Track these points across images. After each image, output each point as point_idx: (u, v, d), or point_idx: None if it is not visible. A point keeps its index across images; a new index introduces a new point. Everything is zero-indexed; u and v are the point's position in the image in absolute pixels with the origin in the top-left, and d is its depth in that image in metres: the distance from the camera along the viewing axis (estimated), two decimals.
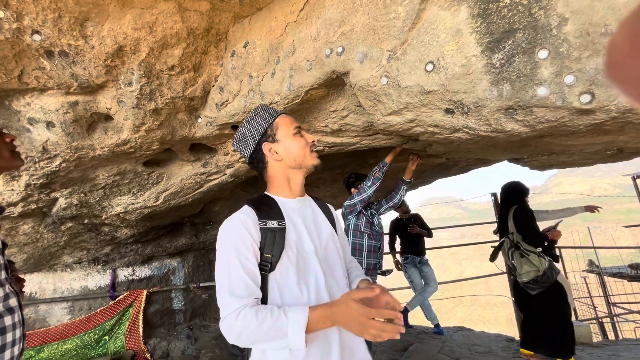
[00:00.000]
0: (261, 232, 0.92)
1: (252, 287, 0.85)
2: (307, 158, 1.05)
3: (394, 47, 1.39)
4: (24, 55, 1.51)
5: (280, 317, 0.79)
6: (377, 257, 2.59)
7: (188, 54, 1.74)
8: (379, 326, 0.74)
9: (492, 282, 39.14)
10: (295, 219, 1.01)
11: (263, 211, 0.96)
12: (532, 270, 2.69)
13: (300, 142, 1.04)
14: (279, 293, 0.90)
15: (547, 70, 1.15)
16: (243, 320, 0.79)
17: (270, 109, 1.07)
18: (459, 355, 3.21)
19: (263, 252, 0.90)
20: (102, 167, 2.19)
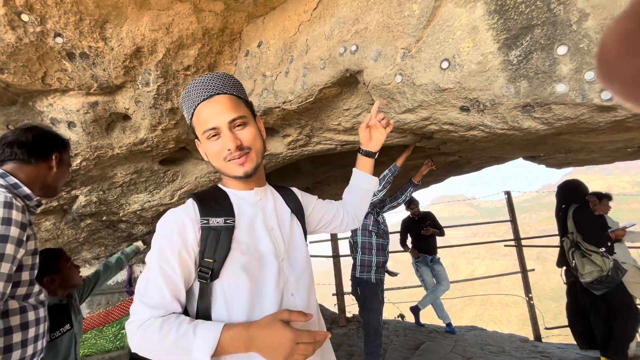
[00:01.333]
0: (202, 231, 0.77)
1: (167, 300, 0.72)
2: (226, 169, 0.83)
3: (408, 45, 1.39)
4: (47, 57, 1.56)
5: (186, 334, 0.67)
6: (385, 255, 2.63)
7: (203, 54, 1.77)
8: (308, 349, 0.66)
9: (504, 281, 38.60)
10: (253, 214, 0.85)
11: (208, 206, 0.81)
12: (595, 270, 2.59)
13: (211, 150, 0.82)
14: (225, 306, 0.76)
15: (567, 67, 1.13)
16: (144, 332, 0.68)
17: (193, 95, 0.83)
18: (472, 354, 3.18)
19: (203, 256, 0.76)
20: (120, 166, 2.25)
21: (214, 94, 0.82)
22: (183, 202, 2.79)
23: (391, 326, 4.20)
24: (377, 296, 2.50)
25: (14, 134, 1.16)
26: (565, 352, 3.29)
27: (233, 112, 0.81)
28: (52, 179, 1.21)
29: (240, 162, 0.81)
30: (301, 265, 0.88)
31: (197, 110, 0.83)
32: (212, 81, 0.83)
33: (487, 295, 30.44)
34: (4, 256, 0.92)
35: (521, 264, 4.43)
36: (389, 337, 3.78)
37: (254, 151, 0.83)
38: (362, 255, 2.56)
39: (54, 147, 1.22)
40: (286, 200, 0.98)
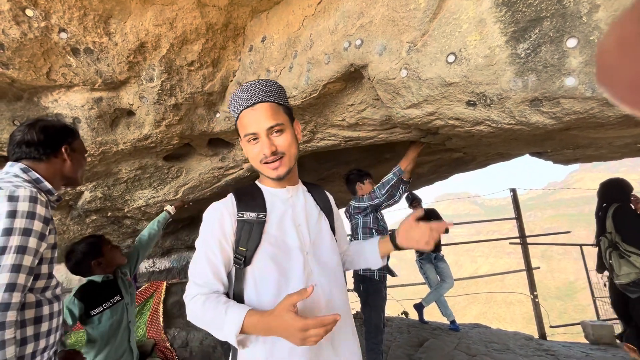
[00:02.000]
0: (237, 224, 0.89)
1: (210, 280, 0.86)
2: (261, 169, 0.94)
3: (414, 39, 1.37)
4: (52, 52, 1.57)
5: (220, 313, 0.78)
6: None
7: (207, 50, 1.76)
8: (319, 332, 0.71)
9: (509, 279, 38.50)
10: (282, 211, 0.95)
11: (244, 202, 0.93)
12: (632, 272, 2.47)
13: (250, 152, 0.93)
14: (255, 290, 0.87)
15: (576, 60, 1.11)
16: (193, 305, 0.83)
17: (239, 101, 0.93)
18: (476, 352, 3.17)
19: (238, 244, 0.88)
20: (124, 162, 2.26)
21: (256, 102, 0.91)
22: (187, 198, 2.79)
23: (395, 323, 4.19)
24: (380, 293, 2.49)
25: (20, 132, 1.16)
26: (571, 351, 3.26)
27: (272, 120, 0.90)
28: (68, 170, 1.23)
29: (274, 167, 0.91)
30: (326, 259, 0.97)
31: (241, 116, 0.93)
32: (256, 88, 0.92)
33: (491, 293, 30.32)
34: (27, 249, 0.96)
35: (526, 262, 4.39)
36: (392, 334, 3.78)
37: (287, 156, 0.92)
38: None
39: (62, 140, 1.22)
40: (316, 199, 1.06)
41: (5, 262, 0.91)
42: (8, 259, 0.92)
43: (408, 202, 4.39)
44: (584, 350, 3.26)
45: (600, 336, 3.53)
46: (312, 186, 1.10)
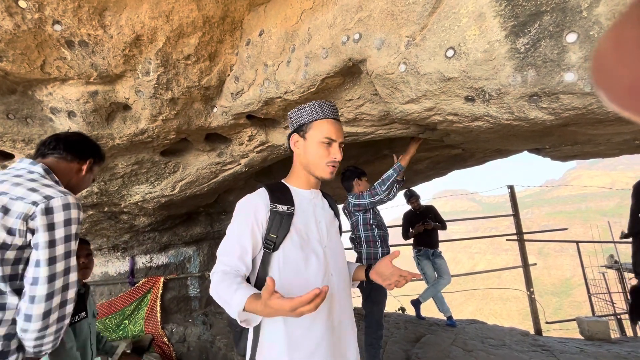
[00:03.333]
0: (270, 214, 1.02)
1: (235, 260, 0.97)
2: (318, 168, 1.09)
3: (413, 33, 1.35)
4: (46, 45, 1.54)
5: (230, 292, 0.87)
6: (387, 247, 2.62)
7: (204, 43, 1.74)
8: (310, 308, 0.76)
9: (505, 276, 38.76)
10: (306, 207, 1.09)
11: (275, 196, 1.06)
12: None
13: (321, 152, 1.07)
14: (278, 272, 0.99)
15: (576, 55, 1.10)
16: (214, 279, 0.94)
17: (325, 110, 1.09)
18: (472, 347, 3.19)
19: (269, 232, 1.00)
20: (121, 157, 2.24)
21: (338, 118, 1.12)
22: (184, 194, 2.79)
23: (392, 319, 4.21)
24: (383, 289, 2.50)
25: (67, 133, 1.28)
26: (566, 346, 3.29)
27: (343, 137, 1.11)
28: (75, 181, 1.26)
29: (332, 170, 1.09)
30: (338, 253, 1.12)
31: (325, 121, 1.08)
32: (336, 109, 1.14)
33: (488, 290, 30.60)
34: (73, 252, 1.05)
35: (523, 258, 4.41)
36: (389, 330, 3.79)
37: (339, 166, 1.12)
38: (368, 248, 2.56)
39: (92, 154, 1.30)
40: (330, 204, 1.23)
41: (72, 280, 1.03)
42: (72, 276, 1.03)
43: (406, 198, 4.39)
44: (578, 346, 3.29)
45: (596, 332, 3.56)
46: (325, 194, 1.26)
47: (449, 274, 4.05)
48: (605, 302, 5.83)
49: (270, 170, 3.45)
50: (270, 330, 0.97)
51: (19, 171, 1.07)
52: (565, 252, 57.68)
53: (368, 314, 2.48)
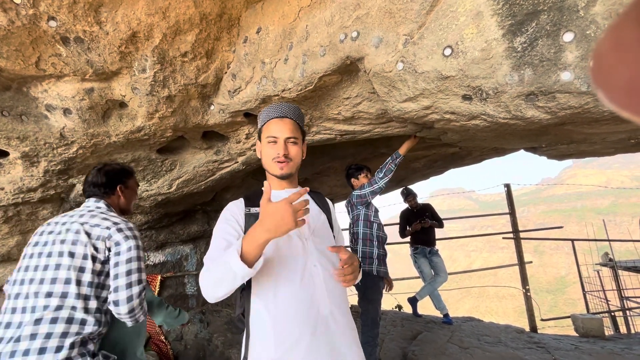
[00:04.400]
0: (245, 217, 1.08)
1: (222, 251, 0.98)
2: (269, 166, 1.13)
3: (410, 31, 1.35)
4: (41, 41, 1.53)
5: (224, 254, 0.89)
6: (384, 249, 2.58)
7: (201, 40, 1.73)
8: (302, 203, 0.86)
9: (501, 274, 38.98)
10: None
11: (250, 200, 1.14)
12: None
13: (267, 151, 1.12)
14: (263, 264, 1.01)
15: (572, 54, 1.10)
16: (207, 269, 0.93)
17: (272, 112, 1.14)
18: (468, 344, 3.22)
19: (245, 232, 1.03)
20: (117, 154, 2.23)
21: (284, 116, 1.14)
22: (182, 192, 2.78)
23: (389, 317, 4.23)
24: (378, 288, 2.49)
25: (92, 175, 1.54)
26: (561, 343, 3.32)
27: (291, 132, 1.12)
28: (123, 204, 1.60)
29: (281, 166, 1.11)
30: (326, 244, 1.11)
31: (269, 122, 1.14)
32: (286, 108, 1.16)
33: (484, 287, 30.63)
34: (142, 254, 1.39)
35: (519, 256, 4.44)
36: (386, 327, 3.81)
37: (293, 162, 1.13)
38: (363, 246, 2.52)
39: (117, 181, 1.56)
40: (315, 199, 1.23)
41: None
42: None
43: (403, 196, 4.40)
44: (573, 343, 3.32)
45: (590, 329, 3.59)
46: (313, 192, 1.26)
47: (446, 272, 4.07)
48: (599, 299, 5.89)
49: None
50: (257, 324, 0.98)
51: (89, 207, 1.45)
52: (560, 250, 58.17)
53: (363, 312, 2.49)
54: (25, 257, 1.32)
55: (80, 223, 1.35)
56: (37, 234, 1.37)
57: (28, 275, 1.26)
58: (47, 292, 1.21)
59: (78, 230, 1.32)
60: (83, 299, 1.25)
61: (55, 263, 1.26)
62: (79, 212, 1.41)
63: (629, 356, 2.86)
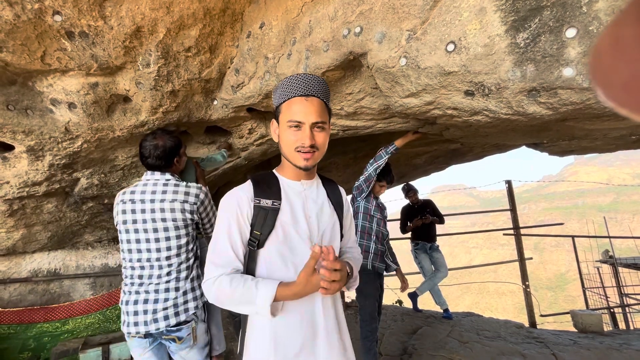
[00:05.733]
0: (254, 209, 0.95)
1: (231, 258, 0.92)
2: (291, 156, 0.97)
3: (414, 27, 1.36)
4: (46, 36, 1.54)
5: (251, 289, 0.86)
6: (384, 245, 2.54)
7: (204, 35, 1.74)
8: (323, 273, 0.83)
9: (502, 270, 39.08)
10: (295, 201, 1.00)
11: (261, 189, 0.98)
12: None
13: (288, 137, 0.95)
14: (265, 270, 0.94)
15: (575, 50, 1.11)
16: (219, 286, 0.89)
17: (292, 87, 0.95)
18: (468, 339, 3.25)
19: (253, 228, 0.94)
20: (121, 149, 2.24)
21: (311, 94, 0.95)
22: None
23: (389, 311, 4.27)
24: (373, 283, 2.45)
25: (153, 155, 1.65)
26: (560, 338, 3.35)
27: (319, 116, 0.94)
28: (177, 170, 1.77)
29: (306, 157, 0.95)
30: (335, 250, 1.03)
31: (292, 101, 0.95)
32: (313, 82, 0.96)
33: (484, 283, 30.66)
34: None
35: (519, 252, 4.46)
36: (386, 322, 3.85)
37: (319, 152, 0.98)
38: (361, 239, 2.49)
39: (175, 155, 1.70)
40: (330, 193, 1.10)
41: None
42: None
43: (404, 192, 4.41)
44: (572, 338, 3.35)
45: (589, 324, 3.62)
46: (327, 181, 1.14)
47: (446, 268, 4.10)
48: (599, 296, 5.91)
49: (270, 163, 3.46)
50: (256, 327, 0.93)
51: (158, 181, 1.61)
52: (561, 247, 58.23)
53: (361, 308, 2.48)
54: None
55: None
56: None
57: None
58: None
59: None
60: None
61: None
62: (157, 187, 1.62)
63: (627, 351, 2.89)
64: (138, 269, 1.54)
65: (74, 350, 2.81)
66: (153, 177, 1.61)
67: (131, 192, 1.57)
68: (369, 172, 2.41)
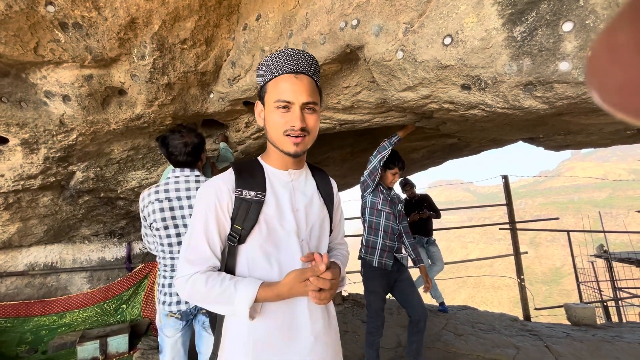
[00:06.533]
0: (235, 201, 0.85)
1: (207, 255, 0.84)
2: (279, 141, 0.86)
3: (411, 20, 1.35)
4: (39, 27, 1.52)
5: (229, 289, 0.79)
6: (394, 240, 2.40)
7: (200, 27, 1.72)
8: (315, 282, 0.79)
9: (497, 264, 39.38)
10: (281, 192, 0.91)
11: (243, 178, 0.87)
12: None
13: (275, 120, 0.84)
14: (247, 267, 0.86)
15: (571, 44, 1.11)
16: (193, 285, 0.81)
17: (280, 63, 0.84)
18: (463, 332, 3.29)
19: (234, 222, 0.84)
20: (116, 142, 2.23)
21: (300, 71, 0.85)
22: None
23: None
24: (380, 280, 2.37)
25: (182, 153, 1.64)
26: (553, 331, 3.40)
27: (310, 96, 0.84)
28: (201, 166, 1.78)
29: (295, 142, 0.84)
30: (321, 248, 0.96)
31: (279, 79, 0.85)
32: (302, 59, 0.86)
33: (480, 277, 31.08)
34: None
35: (515, 247, 4.50)
36: None
37: (310, 136, 0.88)
38: (368, 235, 2.42)
39: (200, 152, 1.69)
40: (319, 183, 1.01)
41: None
42: None
43: (401, 187, 4.42)
44: (565, 331, 3.40)
45: (582, 318, 3.67)
46: (316, 170, 1.04)
47: (442, 262, 4.13)
48: (593, 289, 5.99)
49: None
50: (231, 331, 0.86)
51: (189, 177, 1.64)
52: (556, 242, 58.79)
53: (367, 303, 2.44)
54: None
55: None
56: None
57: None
58: None
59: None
60: None
61: None
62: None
63: (618, 344, 2.94)
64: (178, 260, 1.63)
65: (71, 343, 2.82)
66: (183, 174, 1.65)
67: (165, 191, 1.61)
68: (373, 164, 2.35)
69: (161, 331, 1.67)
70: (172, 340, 1.64)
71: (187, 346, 1.72)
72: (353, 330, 3.51)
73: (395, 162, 2.43)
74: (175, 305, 1.59)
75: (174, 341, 1.64)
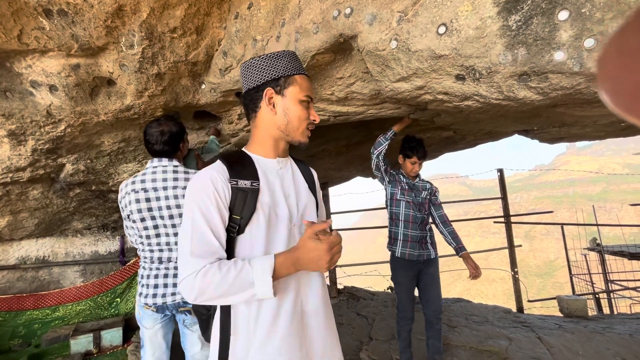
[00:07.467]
0: (232, 191, 0.85)
1: (215, 247, 0.81)
2: (298, 131, 0.95)
3: (405, 8, 1.32)
4: (22, 13, 1.47)
5: (244, 267, 0.78)
6: (416, 229, 2.32)
7: (190, 15, 1.68)
8: (340, 247, 0.83)
9: (492, 258, 39.80)
10: (272, 180, 0.93)
11: (235, 169, 0.89)
12: None
13: (301, 113, 0.94)
14: (247, 255, 0.86)
15: (567, 33, 1.09)
16: (204, 277, 0.76)
17: (299, 63, 0.97)
18: (456, 323, 3.32)
19: (232, 212, 0.85)
20: (107, 134, 2.19)
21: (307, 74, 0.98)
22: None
23: (380, 297, 4.33)
24: (404, 271, 2.32)
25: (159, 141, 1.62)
26: (545, 323, 3.44)
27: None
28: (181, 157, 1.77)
29: (309, 134, 0.97)
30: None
31: (302, 77, 0.95)
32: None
33: None
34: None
35: (509, 240, 4.53)
36: (377, 308, 3.91)
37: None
38: (390, 226, 2.40)
39: (180, 141, 1.69)
40: (302, 173, 1.06)
41: None
42: None
43: None
44: (557, 322, 3.44)
45: (574, 309, 3.72)
46: (297, 161, 1.10)
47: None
48: (585, 282, 6.07)
49: None
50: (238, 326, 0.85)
51: (166, 167, 1.61)
52: (550, 235, 59.47)
53: (396, 294, 2.42)
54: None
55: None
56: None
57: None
58: None
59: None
60: None
61: None
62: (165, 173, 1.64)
63: (609, 335, 2.98)
64: (157, 252, 1.61)
65: (65, 336, 2.81)
66: (161, 164, 1.61)
67: (142, 182, 1.57)
68: (373, 160, 2.38)
69: (140, 324, 1.64)
70: (151, 332, 1.62)
71: (168, 341, 1.68)
72: (348, 323, 3.53)
73: (414, 150, 2.34)
74: (151, 297, 1.55)
75: (153, 333, 1.62)
